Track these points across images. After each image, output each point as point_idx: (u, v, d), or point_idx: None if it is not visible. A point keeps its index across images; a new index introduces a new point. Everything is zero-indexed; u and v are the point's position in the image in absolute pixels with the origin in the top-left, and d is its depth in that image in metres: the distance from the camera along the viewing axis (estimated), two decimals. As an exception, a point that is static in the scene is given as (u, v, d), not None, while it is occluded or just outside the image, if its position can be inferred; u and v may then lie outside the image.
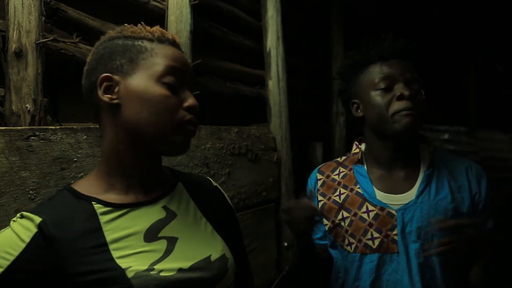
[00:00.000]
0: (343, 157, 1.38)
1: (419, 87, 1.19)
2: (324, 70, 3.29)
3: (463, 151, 4.95)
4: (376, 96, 1.20)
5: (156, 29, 0.88)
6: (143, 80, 0.82)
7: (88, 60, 0.88)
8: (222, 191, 1.06)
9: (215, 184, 1.06)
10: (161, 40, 0.86)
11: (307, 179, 1.39)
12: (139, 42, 0.84)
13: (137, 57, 0.83)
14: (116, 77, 0.82)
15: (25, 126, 1.07)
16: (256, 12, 2.29)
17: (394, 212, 1.18)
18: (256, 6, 2.29)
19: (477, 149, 5.21)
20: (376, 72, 1.21)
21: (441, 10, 4.25)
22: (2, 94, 1.08)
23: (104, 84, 0.82)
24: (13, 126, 1.05)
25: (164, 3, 1.63)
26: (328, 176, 1.33)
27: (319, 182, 1.34)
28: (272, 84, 2.27)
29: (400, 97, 1.16)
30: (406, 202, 1.18)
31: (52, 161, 1.07)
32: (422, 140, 1.30)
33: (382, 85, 1.19)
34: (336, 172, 1.33)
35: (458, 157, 1.30)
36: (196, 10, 1.71)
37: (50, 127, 1.09)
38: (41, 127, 1.08)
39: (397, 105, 1.16)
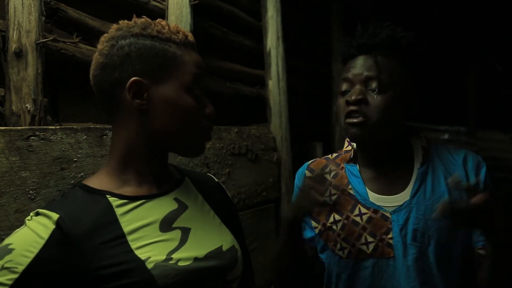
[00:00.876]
0: (334, 154, 1.28)
1: (379, 86, 1.06)
2: (324, 70, 3.29)
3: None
4: (339, 100, 1.13)
5: (177, 28, 0.87)
6: (174, 89, 0.83)
7: (104, 51, 0.84)
8: (224, 188, 1.09)
9: (217, 180, 1.08)
10: (186, 44, 0.86)
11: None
12: (167, 47, 0.84)
13: (168, 64, 0.83)
14: (146, 82, 0.82)
15: (25, 126, 1.07)
16: (256, 12, 2.29)
17: (388, 214, 1.11)
18: (256, 6, 2.29)
19: (477, 149, 5.20)
20: (342, 73, 1.13)
21: (441, 10, 4.25)
22: (2, 94, 1.08)
23: (134, 88, 0.82)
24: (13, 126, 1.05)
25: (164, 3, 1.63)
26: None
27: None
28: (272, 84, 2.27)
29: (347, 103, 1.08)
30: (401, 203, 1.11)
31: (52, 161, 1.07)
32: (415, 133, 1.20)
33: (342, 88, 1.11)
34: (327, 170, 1.21)
35: (454, 149, 1.19)
36: (196, 10, 1.71)
37: (50, 127, 1.09)
38: (41, 127, 1.08)
39: (345, 111, 1.09)
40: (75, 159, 1.13)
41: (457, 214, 0.93)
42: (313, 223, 1.21)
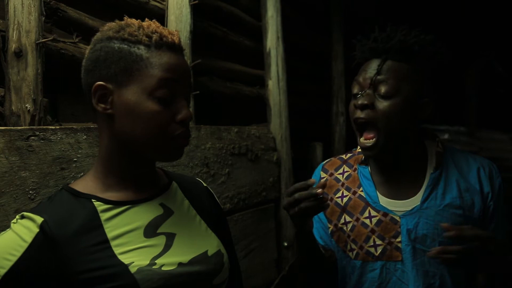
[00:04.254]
0: (348, 154, 1.28)
1: (387, 90, 1.05)
2: (324, 70, 3.29)
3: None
4: (351, 102, 1.12)
5: (155, 28, 0.84)
6: (135, 94, 0.80)
7: (86, 54, 0.85)
8: (212, 192, 1.08)
9: (205, 185, 1.07)
10: (159, 45, 0.82)
11: (307, 179, 1.34)
12: (135, 49, 0.81)
13: (131, 67, 0.80)
14: (110, 86, 0.81)
15: (25, 126, 1.07)
16: (256, 12, 2.29)
17: (397, 218, 1.11)
18: (256, 6, 2.29)
19: (477, 149, 5.20)
20: (357, 75, 1.12)
21: (441, 10, 4.25)
22: (2, 94, 1.08)
23: (99, 92, 0.81)
24: (13, 126, 1.05)
25: (164, 3, 1.63)
26: (331, 175, 1.25)
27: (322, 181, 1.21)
28: (272, 84, 2.27)
29: (355, 107, 1.08)
30: (411, 208, 1.11)
31: (52, 161, 1.07)
32: (430, 137, 1.20)
33: (354, 90, 1.10)
34: (340, 171, 1.25)
35: (470, 155, 1.20)
36: (196, 10, 1.71)
37: (50, 127, 1.09)
38: (41, 127, 1.08)
39: (353, 115, 1.09)
40: (75, 159, 1.13)
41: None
42: (327, 224, 1.22)
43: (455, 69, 4.87)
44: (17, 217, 0.79)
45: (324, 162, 1.31)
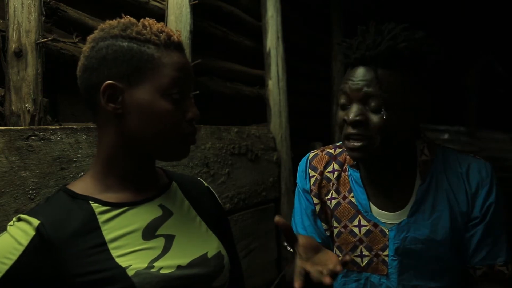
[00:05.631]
0: (338, 149, 1.17)
1: (379, 104, 0.95)
2: (324, 70, 3.29)
3: (463, 151, 4.95)
4: (338, 112, 1.02)
5: (161, 28, 0.84)
6: (148, 93, 0.80)
7: (85, 53, 0.83)
8: (213, 192, 1.06)
9: (206, 184, 1.06)
10: (167, 45, 0.82)
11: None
12: (145, 48, 0.80)
13: (144, 66, 0.80)
14: (120, 86, 0.80)
15: (25, 126, 1.07)
16: (256, 12, 2.29)
17: (386, 230, 1.05)
18: (256, 6, 2.29)
19: (477, 149, 5.21)
20: (342, 82, 1.02)
21: (442, 10, 4.26)
22: (2, 94, 1.08)
23: (108, 91, 0.80)
24: (13, 126, 1.06)
25: (164, 3, 1.63)
26: (321, 173, 1.15)
27: (312, 180, 1.16)
28: (272, 84, 2.27)
29: (345, 122, 0.99)
30: (398, 221, 1.04)
31: (52, 161, 1.07)
32: (420, 141, 1.10)
33: (341, 101, 1.01)
34: (330, 168, 1.15)
35: (462, 157, 1.10)
36: (196, 10, 1.71)
37: (50, 127, 1.10)
38: (41, 127, 1.08)
39: (345, 130, 1.00)
40: (75, 159, 1.13)
41: None
42: (324, 226, 1.15)
43: (455, 69, 4.87)
44: (13, 219, 0.78)
45: (310, 157, 1.19)
